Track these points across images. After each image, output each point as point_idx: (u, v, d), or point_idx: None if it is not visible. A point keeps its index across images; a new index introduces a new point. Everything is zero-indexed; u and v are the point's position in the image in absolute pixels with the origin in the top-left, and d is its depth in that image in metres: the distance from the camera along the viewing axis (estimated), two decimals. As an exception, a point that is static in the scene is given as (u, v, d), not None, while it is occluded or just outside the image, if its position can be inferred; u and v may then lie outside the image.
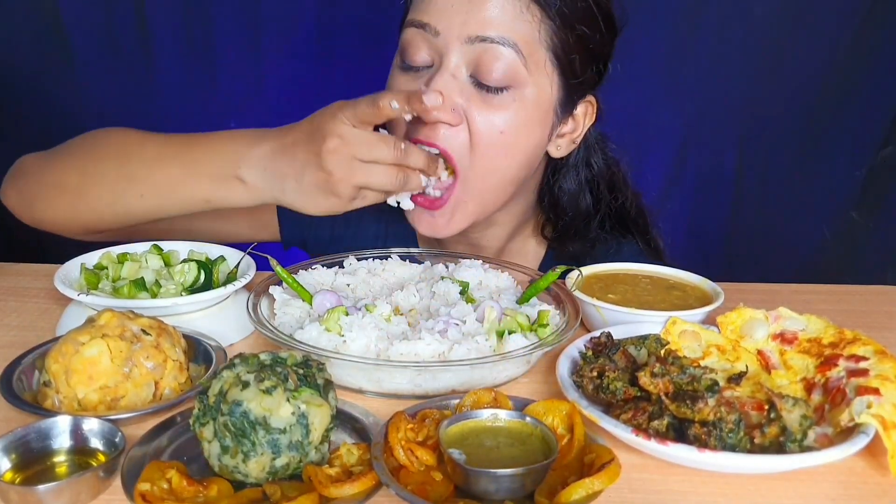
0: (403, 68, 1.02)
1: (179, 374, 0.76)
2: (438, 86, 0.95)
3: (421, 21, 0.98)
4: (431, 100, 0.90)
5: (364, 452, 0.65)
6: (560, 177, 1.15)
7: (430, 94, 0.90)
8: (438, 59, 0.98)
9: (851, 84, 2.06)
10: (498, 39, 0.95)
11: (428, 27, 0.97)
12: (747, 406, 0.67)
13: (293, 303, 0.90)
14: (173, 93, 2.01)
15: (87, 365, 0.71)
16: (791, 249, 2.23)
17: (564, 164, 1.14)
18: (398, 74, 1.03)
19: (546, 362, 0.87)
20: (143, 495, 0.57)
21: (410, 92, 0.90)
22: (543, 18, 0.97)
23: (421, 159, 0.92)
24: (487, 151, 0.99)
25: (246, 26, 2.01)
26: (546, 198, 1.17)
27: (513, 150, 1.02)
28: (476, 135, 0.98)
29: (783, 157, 2.16)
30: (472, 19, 0.95)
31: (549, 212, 1.19)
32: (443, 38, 0.97)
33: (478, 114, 0.97)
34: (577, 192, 1.15)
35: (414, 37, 0.99)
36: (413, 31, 0.99)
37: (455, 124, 0.97)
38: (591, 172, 1.16)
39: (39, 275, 1.10)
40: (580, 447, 0.66)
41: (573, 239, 1.19)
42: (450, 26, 0.96)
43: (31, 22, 1.96)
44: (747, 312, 0.88)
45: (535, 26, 0.97)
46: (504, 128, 0.99)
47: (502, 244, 1.23)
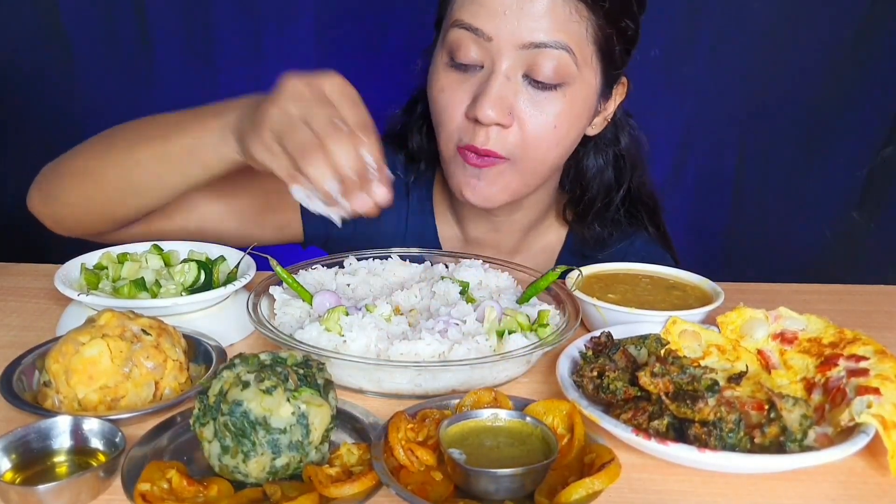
0: (452, 66, 1.03)
1: (179, 374, 0.76)
2: (494, 90, 0.98)
3: (472, 25, 0.98)
4: (490, 117, 0.97)
5: (364, 452, 0.65)
6: (587, 152, 1.18)
7: (488, 112, 0.97)
8: (490, 61, 1.00)
9: (852, 84, 2.06)
10: (551, 44, 0.97)
11: (480, 32, 0.98)
12: (747, 406, 0.67)
13: (293, 303, 0.90)
14: (173, 93, 2.01)
15: (88, 365, 0.71)
16: (791, 249, 2.23)
17: (592, 140, 1.17)
18: (446, 71, 1.04)
19: (546, 362, 0.87)
20: (144, 495, 0.57)
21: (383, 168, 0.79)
22: (590, 16, 0.99)
23: (347, 161, 0.76)
24: (540, 145, 1.03)
25: (246, 26, 2.01)
26: (571, 172, 1.20)
27: (563, 141, 1.06)
28: (529, 132, 1.01)
29: (783, 157, 2.16)
30: (525, 26, 0.96)
31: (574, 188, 1.21)
32: (496, 44, 0.98)
33: (532, 112, 1.01)
34: (602, 168, 1.19)
35: (463, 38, 1.00)
36: (463, 33, 1.00)
37: (508, 125, 1.01)
38: (619, 149, 1.19)
39: (39, 275, 1.10)
40: (580, 447, 0.66)
41: (593, 220, 1.21)
42: (502, 33, 0.97)
43: (31, 22, 1.96)
44: (747, 312, 0.88)
45: (582, 25, 0.98)
46: (556, 122, 1.02)
47: (527, 229, 1.25)
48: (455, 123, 1.04)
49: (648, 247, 1.25)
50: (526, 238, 1.27)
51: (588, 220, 1.21)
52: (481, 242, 1.26)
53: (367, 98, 0.86)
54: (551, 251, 1.28)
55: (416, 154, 1.23)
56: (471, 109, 1.01)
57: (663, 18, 1.95)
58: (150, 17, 1.97)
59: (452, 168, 1.09)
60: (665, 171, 2.15)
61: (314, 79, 0.81)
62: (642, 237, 1.26)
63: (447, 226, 1.29)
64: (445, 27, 1.03)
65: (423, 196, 1.28)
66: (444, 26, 1.05)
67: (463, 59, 1.01)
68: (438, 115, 1.07)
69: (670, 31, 2.00)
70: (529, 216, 1.23)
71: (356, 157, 0.76)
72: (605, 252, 1.22)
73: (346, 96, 0.82)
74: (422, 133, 1.21)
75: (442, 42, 1.05)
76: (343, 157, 0.75)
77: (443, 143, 1.08)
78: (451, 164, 1.09)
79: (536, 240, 1.28)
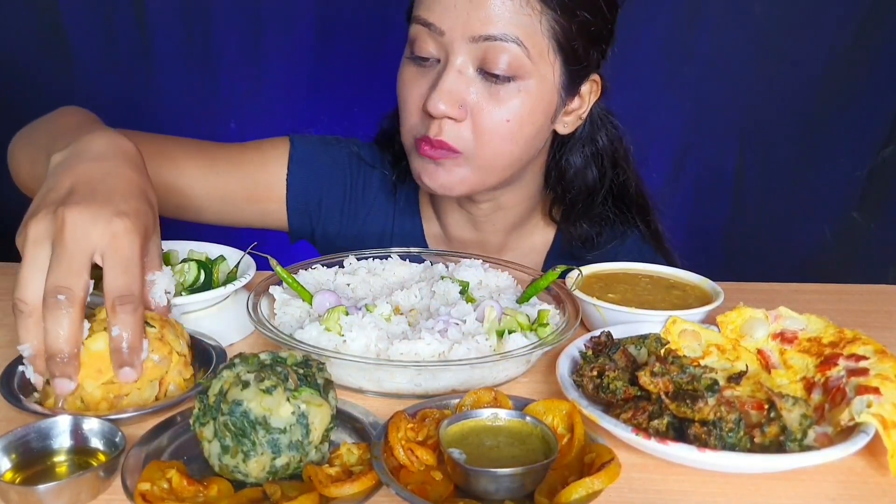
0: (412, 60, 1.05)
1: (184, 370, 0.75)
2: (447, 84, 0.99)
3: (426, 20, 1.00)
4: (440, 110, 0.99)
5: (364, 452, 0.65)
6: (566, 151, 1.18)
7: (438, 104, 0.98)
8: (445, 55, 1.01)
9: (852, 84, 2.06)
10: (501, 37, 0.97)
11: (433, 27, 0.99)
12: (747, 405, 0.67)
13: (293, 303, 0.90)
14: (173, 93, 2.01)
15: (95, 359, 0.70)
16: (791, 249, 2.23)
17: (571, 140, 1.17)
18: (408, 66, 1.06)
19: (546, 362, 0.87)
20: (144, 495, 0.57)
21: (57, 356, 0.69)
22: (544, 9, 0.98)
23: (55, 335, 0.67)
24: (493, 139, 1.03)
25: (246, 26, 2.01)
26: (553, 173, 1.20)
27: (517, 136, 1.05)
28: (482, 125, 1.02)
29: (783, 157, 2.16)
30: (475, 19, 0.97)
31: (556, 187, 1.21)
32: (448, 38, 0.99)
33: (484, 105, 1.01)
34: (583, 167, 1.19)
35: (420, 32, 1.02)
36: (419, 28, 1.01)
37: (461, 120, 1.01)
38: (596, 147, 1.19)
39: (39, 275, 1.10)
40: (580, 447, 0.66)
41: (580, 218, 1.21)
42: (454, 26, 0.98)
43: (31, 22, 1.96)
44: (747, 312, 0.88)
45: (535, 18, 0.98)
46: (510, 116, 1.02)
47: (510, 229, 1.25)
48: (414, 117, 1.05)
49: (640, 246, 1.25)
50: (510, 238, 1.27)
51: (574, 218, 1.21)
52: (465, 242, 1.26)
53: (366, 99, 0.86)
54: (539, 252, 1.28)
55: (401, 153, 1.23)
56: (424, 103, 1.02)
57: (663, 19, 1.96)
58: (149, 18, 1.97)
59: (412, 158, 1.10)
60: (665, 171, 2.15)
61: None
62: (634, 237, 1.26)
63: (431, 223, 1.30)
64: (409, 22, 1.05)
65: (410, 196, 1.29)
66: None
67: (420, 52, 1.02)
68: (400, 108, 1.09)
69: (670, 32, 2.00)
70: (512, 216, 1.23)
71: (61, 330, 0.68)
72: (594, 252, 1.22)
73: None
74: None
75: (408, 37, 1.06)
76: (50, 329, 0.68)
77: (404, 135, 1.10)
78: (410, 154, 1.11)
79: (522, 240, 1.28)
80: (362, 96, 1.97)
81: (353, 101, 2.01)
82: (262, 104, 2.06)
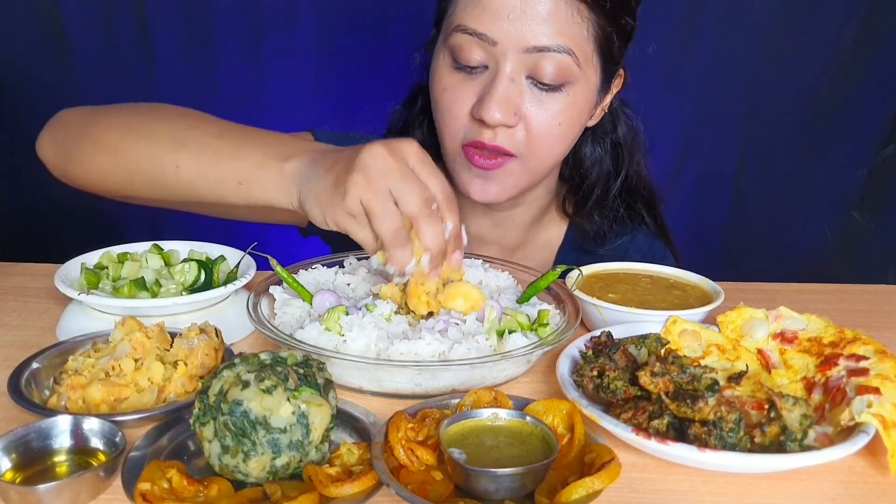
0: (456, 68, 1.04)
1: (188, 383, 0.75)
2: (499, 92, 0.99)
3: (475, 30, 0.99)
4: (496, 119, 0.99)
5: (364, 452, 0.65)
6: (584, 140, 1.19)
7: (494, 113, 0.98)
8: (494, 63, 1.01)
9: (852, 84, 2.06)
10: (554, 48, 0.98)
11: (484, 36, 0.99)
12: (747, 405, 0.67)
13: (293, 302, 0.90)
14: (173, 93, 2.01)
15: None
16: (791, 249, 2.23)
17: (590, 129, 1.18)
18: (450, 72, 1.05)
19: (546, 362, 0.87)
20: (144, 495, 0.57)
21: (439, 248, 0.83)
22: (591, 16, 0.99)
23: (435, 240, 0.82)
24: (546, 141, 1.05)
25: (246, 26, 2.01)
26: (570, 161, 1.21)
27: (566, 137, 1.08)
28: (535, 130, 1.03)
29: (783, 157, 2.16)
30: (528, 30, 0.97)
31: (573, 177, 1.22)
32: (500, 48, 0.99)
33: (536, 111, 1.02)
34: (601, 156, 1.21)
35: (466, 42, 1.00)
36: (466, 37, 1.00)
37: (514, 125, 1.02)
38: (614, 136, 1.21)
39: (40, 274, 1.10)
40: (580, 447, 0.66)
41: (593, 211, 1.22)
42: (506, 37, 0.98)
43: (31, 22, 1.96)
44: (747, 312, 0.88)
45: (584, 26, 0.99)
46: (561, 120, 1.04)
47: (527, 224, 1.26)
48: (460, 122, 1.05)
49: (650, 242, 1.26)
50: (528, 233, 1.28)
51: (587, 209, 1.22)
52: (485, 239, 1.26)
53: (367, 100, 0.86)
54: (552, 246, 1.29)
55: None
56: (476, 110, 1.01)
57: (663, 18, 1.96)
58: (150, 18, 1.97)
59: (457, 167, 1.10)
60: (665, 171, 2.15)
61: (395, 147, 0.82)
62: (644, 232, 1.27)
63: None
64: (447, 29, 1.04)
65: None
66: (444, 27, 1.05)
67: (467, 61, 1.01)
68: (442, 113, 1.07)
69: (670, 32, 2.00)
70: (531, 211, 1.24)
71: (442, 235, 0.82)
72: (606, 247, 1.23)
73: (427, 165, 0.84)
74: (423, 128, 1.22)
75: (444, 43, 1.05)
76: (431, 238, 0.81)
77: (447, 141, 1.09)
78: (454, 162, 1.09)
79: (538, 235, 1.29)
80: (363, 96, 1.97)
81: (354, 102, 2.01)
82: (262, 104, 2.06)
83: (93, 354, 0.77)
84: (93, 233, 1.97)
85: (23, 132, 1.93)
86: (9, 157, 1.97)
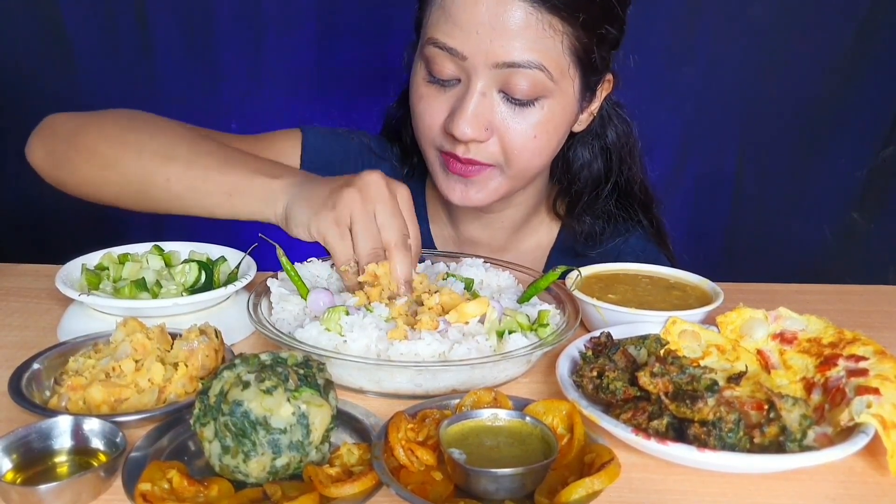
0: (430, 81, 1.04)
1: (188, 384, 0.75)
2: (469, 109, 0.99)
3: (446, 44, 0.98)
4: (466, 135, 0.99)
5: (364, 452, 0.65)
6: (574, 144, 1.18)
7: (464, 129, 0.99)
8: (466, 77, 1.00)
9: (852, 84, 2.06)
10: (524, 63, 0.96)
11: (454, 51, 0.98)
12: (747, 406, 0.67)
13: (291, 299, 0.90)
14: (173, 93, 2.01)
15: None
16: (791, 249, 2.23)
17: (579, 133, 1.17)
18: (425, 84, 1.05)
19: (546, 362, 0.87)
20: (144, 495, 0.57)
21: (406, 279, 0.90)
22: (566, 29, 0.97)
23: (405, 273, 0.90)
24: (523, 154, 1.04)
25: (246, 26, 2.01)
26: (560, 164, 1.20)
27: (546, 147, 1.07)
28: (510, 143, 1.03)
29: (783, 157, 2.16)
30: (497, 46, 0.96)
31: (562, 179, 1.22)
32: (470, 63, 0.98)
33: (510, 125, 1.02)
34: (589, 160, 1.20)
35: (438, 55, 1.00)
36: (437, 51, 1.00)
37: (485, 140, 1.02)
38: (604, 141, 1.20)
39: (41, 275, 1.10)
40: (580, 447, 0.66)
41: (584, 213, 1.22)
42: (476, 52, 0.97)
43: (31, 22, 1.96)
44: (747, 312, 0.88)
45: (557, 39, 0.97)
46: (536, 133, 1.03)
47: (517, 226, 1.26)
48: (433, 132, 1.05)
49: (644, 245, 1.25)
50: (517, 235, 1.27)
51: (578, 211, 1.21)
52: (474, 240, 1.26)
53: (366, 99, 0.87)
54: (543, 249, 1.28)
55: (410, 148, 1.23)
56: (448, 124, 1.01)
57: (663, 19, 1.96)
58: (150, 19, 1.97)
59: (436, 171, 1.10)
60: (665, 171, 2.15)
61: (392, 184, 0.92)
62: (638, 235, 1.26)
63: (440, 225, 1.29)
64: (423, 39, 1.03)
65: (416, 195, 1.28)
66: (421, 37, 1.05)
67: (439, 74, 1.01)
68: (417, 122, 1.08)
69: (670, 32, 2.00)
70: (520, 212, 1.23)
71: (408, 270, 0.90)
72: (597, 249, 1.22)
73: (411, 212, 0.93)
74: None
75: (420, 53, 1.05)
76: (401, 269, 0.89)
77: (424, 147, 1.10)
78: (433, 166, 1.11)
79: (527, 237, 1.28)
80: (363, 96, 1.97)
81: (354, 102, 2.01)
82: (262, 104, 2.06)
83: (93, 355, 0.77)
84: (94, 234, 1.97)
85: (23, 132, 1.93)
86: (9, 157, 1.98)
